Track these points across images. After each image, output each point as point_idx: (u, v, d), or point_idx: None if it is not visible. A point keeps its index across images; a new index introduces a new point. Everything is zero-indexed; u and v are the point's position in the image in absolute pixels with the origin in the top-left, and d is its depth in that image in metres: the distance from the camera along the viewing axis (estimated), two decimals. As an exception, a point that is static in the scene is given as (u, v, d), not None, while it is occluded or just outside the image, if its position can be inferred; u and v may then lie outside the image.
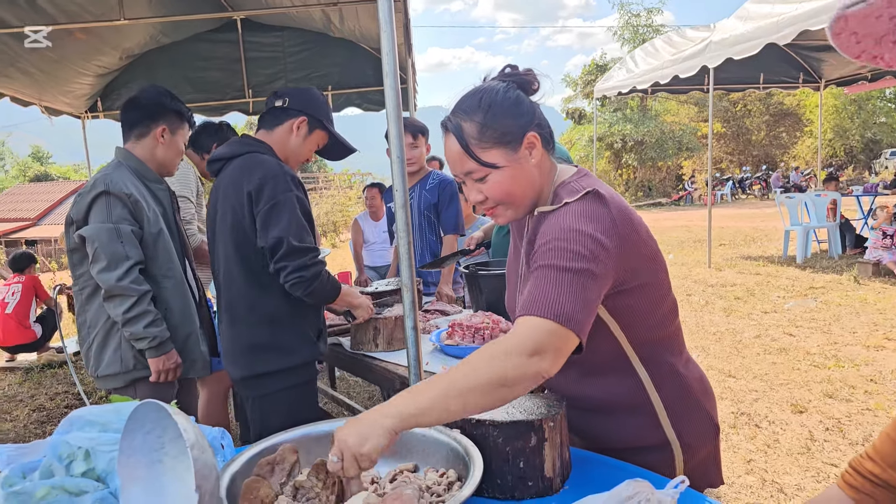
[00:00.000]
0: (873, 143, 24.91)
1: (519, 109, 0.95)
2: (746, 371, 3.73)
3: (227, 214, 1.60)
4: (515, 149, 0.95)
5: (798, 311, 5.07)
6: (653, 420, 1.00)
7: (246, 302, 1.61)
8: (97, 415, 0.92)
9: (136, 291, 1.68)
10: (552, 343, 0.82)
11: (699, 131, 23.85)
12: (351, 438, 0.79)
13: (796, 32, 5.17)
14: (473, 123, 0.94)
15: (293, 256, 1.53)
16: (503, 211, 0.99)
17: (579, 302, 0.83)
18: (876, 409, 3.03)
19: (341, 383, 3.91)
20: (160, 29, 4.02)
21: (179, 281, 1.83)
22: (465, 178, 0.98)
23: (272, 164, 1.58)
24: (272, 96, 1.72)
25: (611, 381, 1.01)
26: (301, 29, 4.37)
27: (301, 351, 1.63)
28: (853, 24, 0.42)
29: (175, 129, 1.88)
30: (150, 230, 1.76)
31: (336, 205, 16.19)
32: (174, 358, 1.77)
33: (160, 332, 1.72)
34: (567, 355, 0.84)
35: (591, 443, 1.05)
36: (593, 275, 0.85)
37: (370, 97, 4.68)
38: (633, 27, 24.35)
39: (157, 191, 1.86)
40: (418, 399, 0.81)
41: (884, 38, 0.43)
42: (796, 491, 2.33)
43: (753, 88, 9.03)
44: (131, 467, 0.82)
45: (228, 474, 0.87)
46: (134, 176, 1.80)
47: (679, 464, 1.02)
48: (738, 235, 10.37)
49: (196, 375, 1.90)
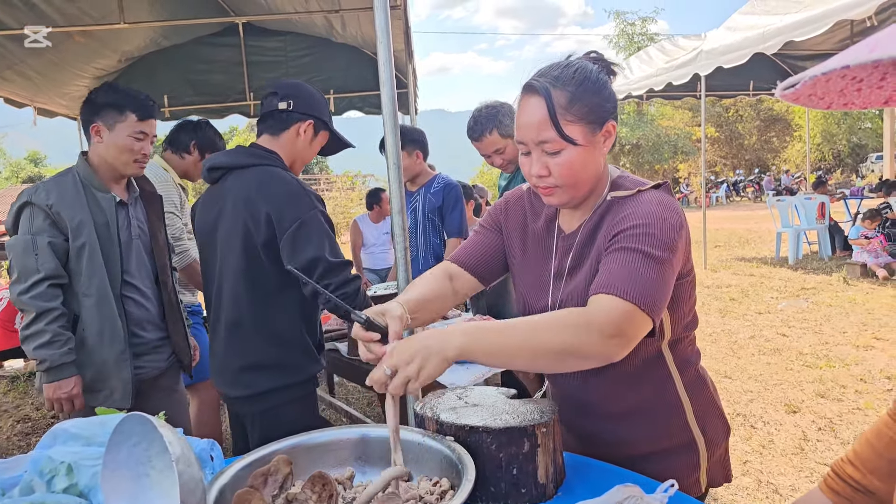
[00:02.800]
0: (859, 148, 25.32)
1: (607, 93, 0.93)
2: (742, 372, 3.75)
3: (238, 232, 1.50)
4: (595, 131, 0.91)
5: (791, 311, 5.12)
6: (681, 420, 1.00)
7: (253, 322, 1.54)
8: (82, 428, 0.90)
9: (37, 308, 1.56)
10: (632, 329, 0.81)
11: (693, 135, 24.08)
12: (411, 362, 0.77)
13: (781, 43, 5.33)
14: (565, 93, 0.89)
15: (334, 273, 1.47)
16: (560, 193, 0.94)
17: (661, 291, 0.83)
18: (866, 409, 3.06)
19: (340, 389, 3.89)
20: (160, 32, 4.01)
21: (102, 299, 1.66)
22: (535, 147, 0.92)
23: (290, 182, 1.51)
24: (271, 96, 1.61)
25: (644, 383, 1.00)
26: (303, 34, 4.39)
27: (306, 367, 1.59)
28: (805, 92, 0.43)
29: (112, 124, 1.69)
30: (73, 243, 1.64)
31: (338, 206, 16.14)
32: (69, 387, 1.58)
33: (54, 354, 1.56)
34: (637, 342, 0.83)
35: (614, 449, 1.02)
36: (672, 266, 0.86)
37: (371, 101, 4.71)
38: (629, 35, 24.61)
39: (102, 199, 1.70)
40: (488, 340, 0.80)
41: (844, 90, 0.44)
42: (791, 492, 2.35)
43: (744, 95, 9.18)
44: (115, 482, 0.79)
45: (217, 487, 0.84)
46: (77, 184, 1.68)
47: (703, 462, 1.01)
48: (733, 237, 10.45)
49: (114, 406, 1.63)
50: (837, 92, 0.44)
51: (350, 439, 1.01)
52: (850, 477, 0.71)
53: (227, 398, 1.65)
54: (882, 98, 0.45)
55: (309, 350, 1.60)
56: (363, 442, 1.01)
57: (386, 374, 0.79)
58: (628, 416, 1.01)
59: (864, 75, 0.42)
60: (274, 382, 1.55)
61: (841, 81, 0.43)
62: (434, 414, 0.98)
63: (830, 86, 0.43)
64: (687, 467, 1.00)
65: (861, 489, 0.70)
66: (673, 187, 11.27)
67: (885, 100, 0.45)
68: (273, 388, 1.55)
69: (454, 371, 1.71)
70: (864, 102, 0.45)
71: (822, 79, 0.41)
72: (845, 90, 0.44)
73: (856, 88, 0.44)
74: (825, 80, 0.42)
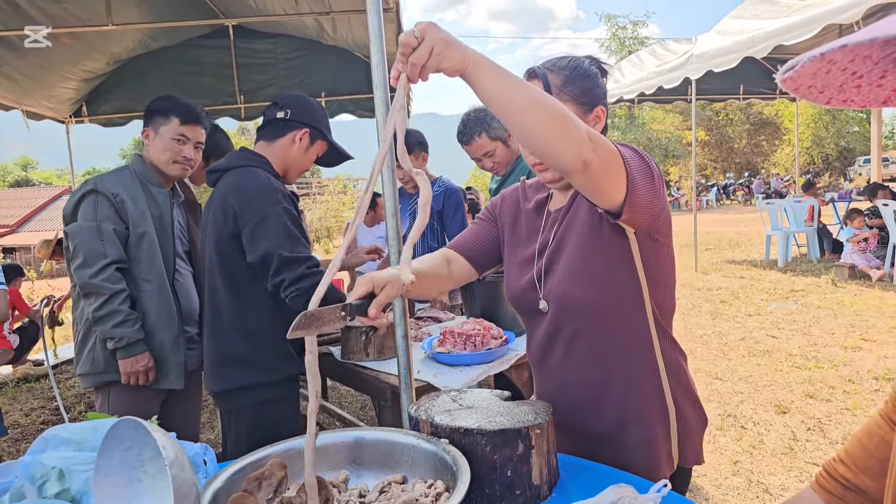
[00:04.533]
0: (847, 151, 25.68)
1: (596, 81, 1.04)
2: (732, 373, 3.79)
3: (213, 228, 1.59)
4: (586, 112, 1.02)
5: (780, 313, 5.17)
6: (657, 388, 1.03)
7: (228, 315, 1.59)
8: (73, 432, 0.89)
9: (108, 290, 1.66)
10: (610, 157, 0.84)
11: (684, 139, 24.29)
12: (442, 33, 0.77)
13: (771, 47, 5.41)
14: (559, 75, 1.02)
15: (288, 268, 1.50)
16: (553, 169, 1.02)
17: (647, 180, 0.90)
18: (854, 409, 3.10)
19: (333, 393, 3.87)
20: (149, 34, 3.98)
21: (160, 286, 1.79)
22: None
23: (261, 179, 1.56)
24: (272, 106, 1.72)
25: (628, 358, 1.03)
26: (294, 36, 4.37)
27: (281, 367, 1.60)
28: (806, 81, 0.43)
29: (158, 128, 1.86)
30: (134, 231, 1.76)
31: (329, 210, 16.09)
32: (145, 361, 1.72)
33: (129, 332, 1.68)
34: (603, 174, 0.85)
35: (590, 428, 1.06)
36: (656, 182, 0.93)
37: (363, 104, 4.70)
38: (620, 39, 24.80)
39: (157, 194, 1.86)
40: (499, 71, 0.81)
41: (843, 85, 0.44)
42: (781, 491, 2.37)
43: (734, 99, 9.28)
44: (108, 487, 0.79)
45: (210, 491, 0.84)
46: (135, 178, 1.83)
47: (674, 434, 1.04)
48: (723, 240, 10.55)
49: (168, 386, 1.81)
50: (837, 87, 0.44)
51: (344, 443, 1.01)
52: (842, 476, 0.72)
53: (211, 394, 1.69)
54: (881, 98, 0.44)
55: (283, 349, 1.60)
56: (358, 445, 1.01)
57: (415, 35, 0.77)
58: (606, 386, 1.04)
59: (864, 71, 0.42)
60: (246, 379, 1.57)
61: (841, 75, 0.42)
62: (428, 416, 0.98)
63: (830, 79, 0.43)
64: (660, 436, 1.03)
65: (852, 488, 0.71)
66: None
67: (884, 100, 0.45)
68: (245, 386, 1.57)
69: (448, 374, 1.71)
70: (863, 101, 0.45)
71: (822, 70, 0.41)
72: (845, 86, 0.44)
73: (855, 85, 0.44)
74: (825, 72, 0.42)
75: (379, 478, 0.97)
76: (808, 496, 0.75)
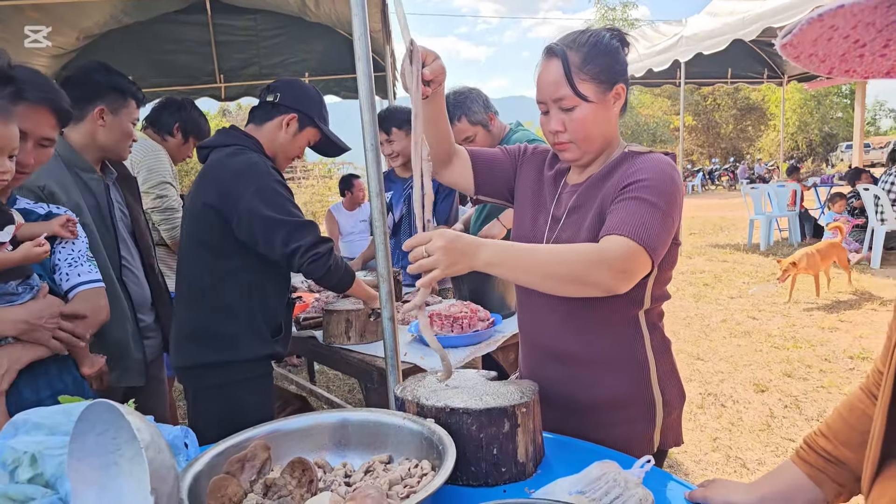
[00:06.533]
0: (830, 137, 26.06)
1: (617, 57, 1.03)
2: (713, 353, 3.87)
3: (197, 202, 1.55)
4: (606, 91, 1.02)
5: (761, 295, 5.29)
6: (645, 377, 1.06)
7: (202, 287, 1.56)
8: (45, 417, 0.87)
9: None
10: (636, 267, 0.91)
11: (671, 124, 24.38)
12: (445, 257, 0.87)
13: (761, 29, 5.39)
14: (578, 53, 1.00)
15: (299, 235, 1.47)
16: (573, 148, 1.04)
17: (663, 237, 0.94)
18: (829, 387, 3.19)
19: (321, 377, 3.87)
20: (121, 8, 3.81)
21: (107, 281, 1.62)
22: (553, 104, 1.02)
23: (251, 155, 1.54)
24: (265, 90, 1.66)
25: (617, 336, 1.05)
26: (275, 13, 4.23)
27: (248, 346, 1.54)
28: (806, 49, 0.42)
29: (117, 108, 1.67)
30: None
31: (315, 195, 15.89)
32: (100, 363, 1.58)
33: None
34: (639, 279, 0.94)
35: (575, 403, 1.07)
36: (673, 220, 0.97)
37: (349, 84, 4.56)
38: (609, 21, 24.60)
39: (90, 181, 1.65)
40: (513, 255, 0.91)
41: (845, 55, 0.43)
42: (758, 465, 2.45)
43: (722, 83, 9.30)
44: (83, 471, 0.77)
45: (191, 474, 0.83)
46: (61, 165, 1.61)
47: (658, 421, 1.07)
48: (708, 224, 10.68)
49: (129, 384, 1.68)
50: (839, 56, 0.43)
51: (329, 423, 1.01)
52: (823, 449, 0.74)
53: (174, 370, 1.64)
54: (884, 68, 0.44)
55: (259, 330, 1.57)
56: (343, 426, 1.00)
57: (423, 254, 0.89)
58: (596, 364, 1.06)
59: (868, 39, 0.41)
60: (213, 356, 1.53)
61: (843, 43, 0.41)
62: (415, 397, 0.98)
63: (832, 47, 0.42)
64: (644, 421, 1.06)
65: (833, 460, 0.73)
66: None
67: (888, 70, 0.44)
68: (211, 363, 1.53)
69: (435, 356, 1.71)
70: (866, 71, 0.44)
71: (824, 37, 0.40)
72: (847, 55, 0.43)
73: (858, 54, 0.43)
74: (826, 40, 0.41)
75: (365, 458, 0.97)
76: (787, 469, 0.77)
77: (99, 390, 1.61)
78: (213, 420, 1.51)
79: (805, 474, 0.74)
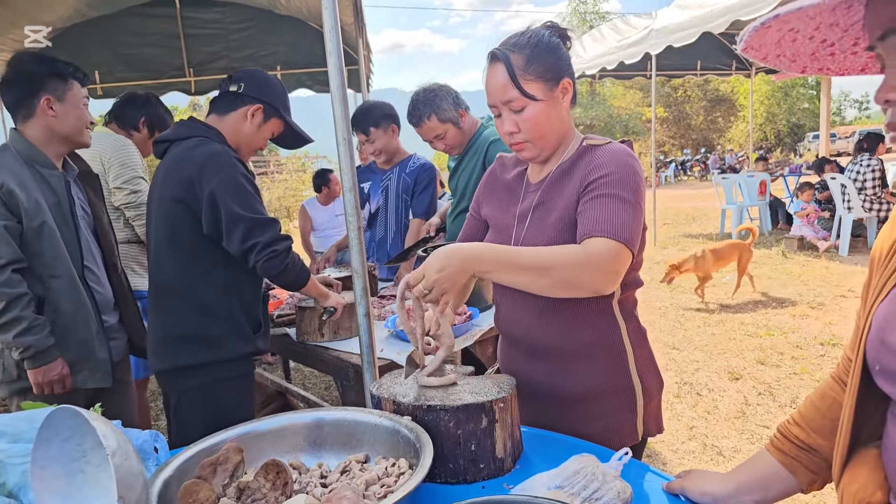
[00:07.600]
0: (797, 128, 26.90)
1: (559, 53, 1.05)
2: (688, 343, 3.95)
3: (165, 199, 1.50)
4: (552, 88, 1.04)
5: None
6: (624, 366, 1.07)
7: (176, 289, 1.51)
8: (6, 423, 0.84)
9: (6, 295, 1.47)
10: (621, 265, 0.94)
11: (643, 116, 24.78)
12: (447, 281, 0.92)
13: (728, 22, 5.50)
14: (521, 55, 1.02)
15: (258, 231, 1.44)
16: (530, 147, 1.07)
17: (637, 230, 0.97)
18: (801, 374, 3.29)
19: (296, 374, 3.82)
20: (86, 1, 3.67)
21: (70, 281, 1.59)
22: (504, 107, 1.05)
23: (214, 146, 1.49)
24: (227, 80, 1.61)
25: (594, 326, 1.06)
26: (244, 5, 4.13)
27: (232, 344, 1.52)
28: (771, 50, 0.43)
29: (62, 94, 1.59)
30: (29, 224, 1.53)
31: (289, 189, 15.63)
32: (58, 369, 1.55)
33: (36, 340, 1.50)
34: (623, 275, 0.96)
35: (560, 390, 1.07)
36: (642, 209, 0.99)
37: (321, 78, 4.50)
38: (581, 14, 24.85)
39: (49, 177, 1.59)
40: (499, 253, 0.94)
41: (815, 54, 0.44)
42: (733, 453, 2.51)
43: (692, 75, 9.48)
44: (47, 480, 0.74)
45: (161, 479, 0.80)
46: (19, 161, 1.56)
47: (640, 409, 1.08)
48: (680, 215, 10.91)
49: (95, 385, 1.65)
50: (809, 55, 0.44)
51: (304, 423, 0.98)
52: (796, 437, 0.75)
53: (155, 374, 1.61)
54: (858, 65, 0.45)
55: (240, 327, 1.54)
56: (318, 426, 0.98)
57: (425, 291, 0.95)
58: (576, 356, 1.06)
59: (835, 38, 0.42)
60: (196, 357, 1.50)
61: (809, 44, 0.42)
62: (391, 394, 0.96)
63: (798, 47, 0.42)
64: (626, 410, 1.07)
65: (805, 448, 0.74)
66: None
67: (862, 67, 0.45)
68: (194, 364, 1.50)
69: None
70: (841, 69, 0.45)
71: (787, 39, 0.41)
72: (817, 54, 0.44)
73: (829, 53, 0.43)
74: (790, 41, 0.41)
75: (341, 458, 0.95)
76: (762, 457, 0.78)
77: (63, 392, 1.57)
78: (198, 421, 1.47)
79: (779, 462, 0.75)
